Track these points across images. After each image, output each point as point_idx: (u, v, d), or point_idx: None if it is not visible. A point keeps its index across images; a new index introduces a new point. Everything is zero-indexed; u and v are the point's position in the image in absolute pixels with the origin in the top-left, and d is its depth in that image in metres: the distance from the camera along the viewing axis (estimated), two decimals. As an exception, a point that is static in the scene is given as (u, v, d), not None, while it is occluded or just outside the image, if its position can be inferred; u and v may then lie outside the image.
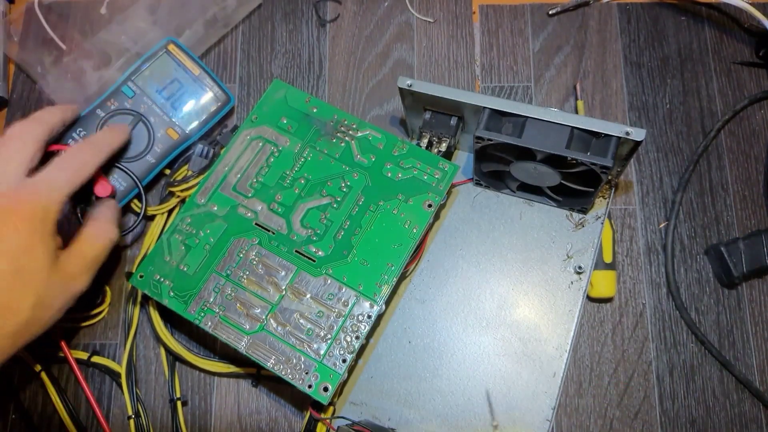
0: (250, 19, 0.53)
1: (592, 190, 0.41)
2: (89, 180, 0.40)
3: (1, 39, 0.51)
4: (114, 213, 0.42)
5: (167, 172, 0.47)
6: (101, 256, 0.39)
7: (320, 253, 0.40)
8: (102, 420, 0.43)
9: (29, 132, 0.39)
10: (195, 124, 0.47)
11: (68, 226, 0.41)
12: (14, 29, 0.51)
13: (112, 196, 0.43)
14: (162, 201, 0.46)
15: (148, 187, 0.48)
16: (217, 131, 0.48)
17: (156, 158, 0.46)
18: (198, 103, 0.47)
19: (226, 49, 0.52)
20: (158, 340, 0.44)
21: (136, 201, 0.46)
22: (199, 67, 0.47)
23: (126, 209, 0.46)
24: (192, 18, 0.46)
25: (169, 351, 0.44)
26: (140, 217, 0.45)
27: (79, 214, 0.43)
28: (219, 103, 0.47)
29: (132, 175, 0.44)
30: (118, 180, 0.45)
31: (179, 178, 0.45)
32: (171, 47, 0.46)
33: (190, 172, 0.45)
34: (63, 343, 0.43)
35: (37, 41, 0.51)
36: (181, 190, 0.44)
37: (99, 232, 0.40)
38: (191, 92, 0.47)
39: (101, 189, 0.42)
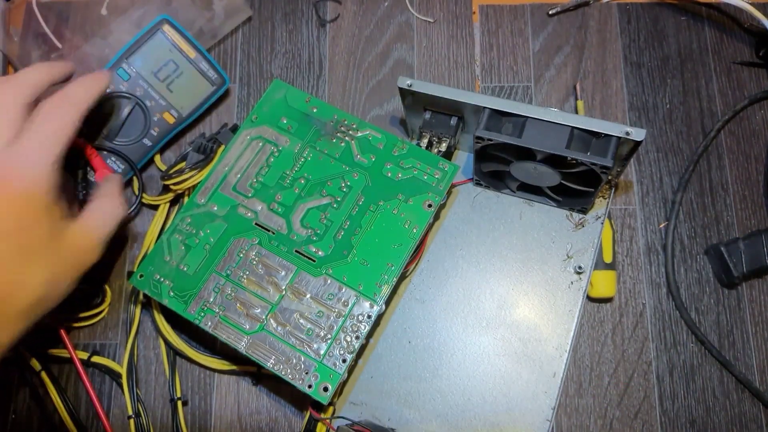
0: (250, 20, 0.53)
1: (592, 190, 0.41)
2: (82, 153, 0.41)
3: (1, 39, 0.51)
4: (119, 188, 0.41)
5: (161, 166, 0.48)
6: (110, 230, 0.39)
7: (320, 253, 0.40)
8: (102, 415, 0.43)
9: (6, 94, 0.36)
10: (191, 107, 0.47)
11: (71, 189, 0.40)
12: (14, 29, 0.51)
13: None
14: (159, 194, 0.47)
15: (147, 181, 0.48)
16: (208, 136, 0.48)
17: (152, 141, 0.46)
18: (194, 85, 0.47)
19: (226, 49, 0.52)
20: (159, 334, 0.44)
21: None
22: (194, 49, 0.46)
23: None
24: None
25: (170, 346, 0.44)
26: (137, 202, 0.46)
27: (80, 194, 0.43)
28: (215, 86, 0.48)
29: (129, 160, 0.45)
30: (115, 163, 0.45)
31: (172, 171, 0.45)
32: (166, 27, 0.45)
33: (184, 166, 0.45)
34: (63, 332, 0.43)
35: (36, 41, 0.50)
36: (175, 184, 0.44)
37: (106, 207, 0.39)
38: (187, 74, 0.46)
39: (102, 177, 0.43)
